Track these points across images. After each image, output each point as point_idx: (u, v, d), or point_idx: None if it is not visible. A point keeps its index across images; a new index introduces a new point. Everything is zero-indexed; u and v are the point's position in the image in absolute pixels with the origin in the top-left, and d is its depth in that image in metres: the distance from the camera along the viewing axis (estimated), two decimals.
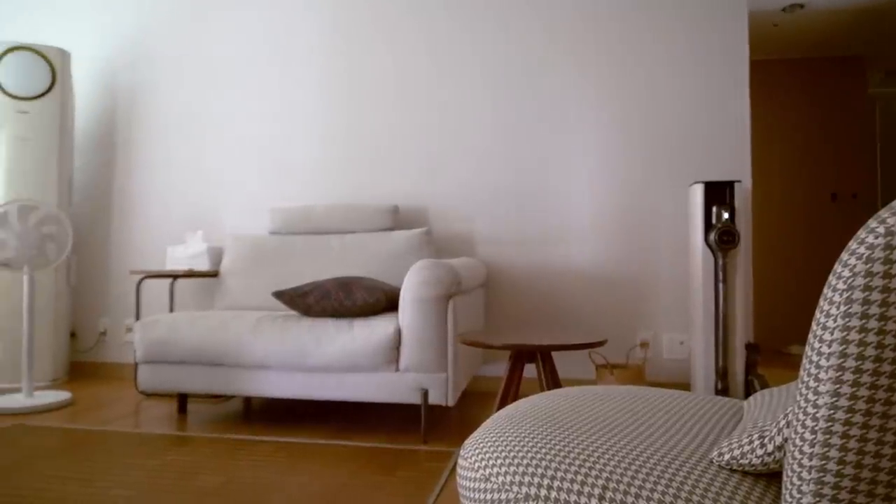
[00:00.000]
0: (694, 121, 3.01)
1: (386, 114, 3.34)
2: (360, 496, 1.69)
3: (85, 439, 2.24)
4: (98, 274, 3.66)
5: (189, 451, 2.09)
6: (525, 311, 3.14)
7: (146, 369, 2.50)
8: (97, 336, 3.63)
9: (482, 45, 3.24)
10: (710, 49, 3.00)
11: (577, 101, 3.13)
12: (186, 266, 3.13)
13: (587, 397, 1.09)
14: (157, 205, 3.60)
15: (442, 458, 2.04)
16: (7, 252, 2.76)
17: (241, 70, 3.53)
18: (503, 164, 3.19)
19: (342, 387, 2.30)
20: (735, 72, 2.97)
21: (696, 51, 3.01)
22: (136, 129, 3.65)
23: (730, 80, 2.98)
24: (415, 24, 3.33)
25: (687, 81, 3.02)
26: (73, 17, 3.78)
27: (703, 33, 3.01)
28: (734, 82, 2.97)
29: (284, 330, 2.32)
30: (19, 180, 3.26)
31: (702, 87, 3.01)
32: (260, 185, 3.47)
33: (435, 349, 2.21)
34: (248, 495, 1.69)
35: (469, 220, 3.22)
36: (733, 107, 2.97)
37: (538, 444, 0.82)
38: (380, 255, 2.89)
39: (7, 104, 3.26)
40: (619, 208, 3.06)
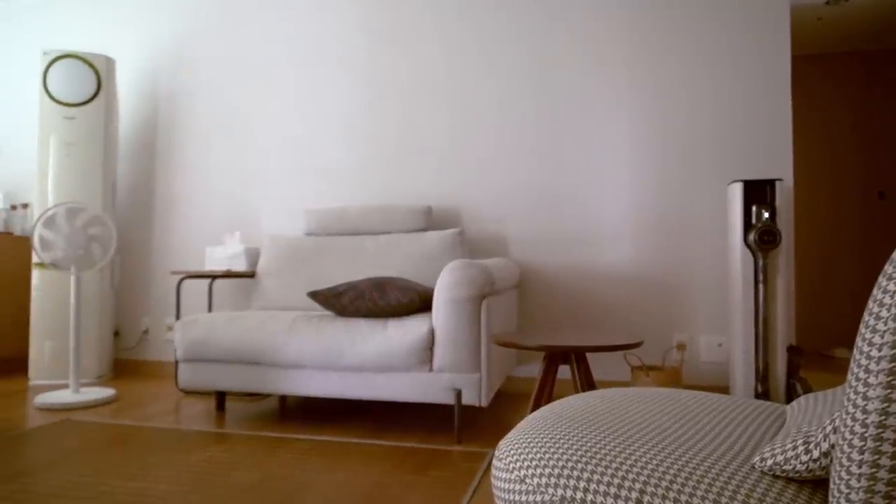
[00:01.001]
0: (733, 118, 2.94)
1: (420, 115, 3.35)
2: (393, 495, 1.70)
3: (128, 435, 2.30)
4: (140, 274, 3.76)
5: (227, 448, 2.13)
6: (558, 312, 3.12)
7: (186, 367, 2.56)
8: (140, 335, 3.73)
9: (517, 45, 3.23)
10: (749, 44, 2.93)
11: (612, 99, 3.09)
12: (225, 267, 3.20)
13: (623, 399, 1.08)
14: (197, 207, 3.68)
15: (476, 458, 2.03)
16: (56, 252, 2.86)
17: (276, 73, 3.59)
18: (537, 164, 3.17)
19: (376, 386, 2.31)
20: (776, 67, 2.89)
21: (735, 46, 2.95)
22: (176, 133, 3.75)
23: (770, 75, 2.90)
24: (451, 25, 3.33)
25: (726, 78, 2.96)
26: (118, 26, 3.89)
27: (742, 28, 2.94)
28: (775, 78, 2.89)
29: (319, 330, 2.35)
30: (67, 184, 3.37)
31: (741, 83, 2.94)
32: (295, 187, 3.52)
33: (468, 349, 2.20)
34: (283, 492, 1.71)
35: (502, 221, 3.20)
36: (774, 103, 2.89)
37: (574, 445, 0.82)
38: (413, 255, 2.91)
39: (55, 110, 3.37)
40: (654, 208, 3.02)
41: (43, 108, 3.38)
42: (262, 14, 3.64)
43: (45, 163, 3.38)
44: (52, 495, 1.68)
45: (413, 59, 3.38)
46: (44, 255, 2.84)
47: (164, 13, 3.80)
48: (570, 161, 3.13)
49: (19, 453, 2.06)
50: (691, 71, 3.00)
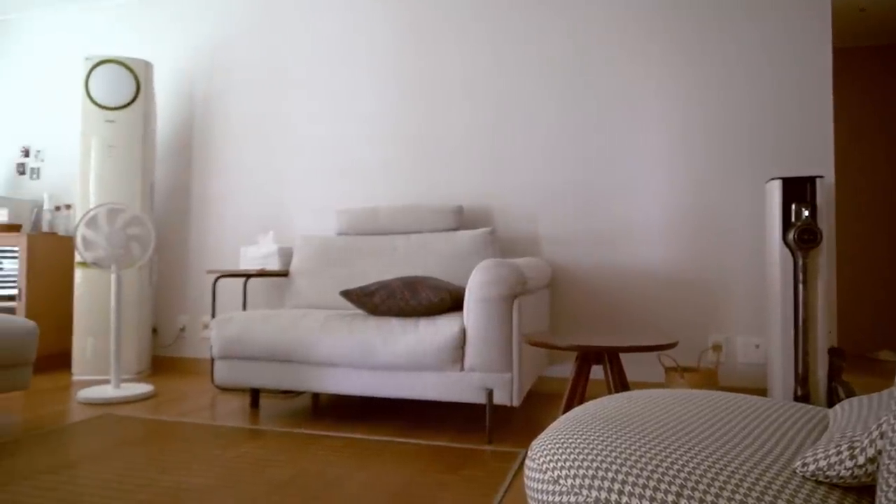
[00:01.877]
0: (771, 113, 2.87)
1: (450, 114, 3.35)
2: (425, 494, 1.70)
3: (166, 429, 2.36)
4: (177, 273, 3.85)
5: (261, 444, 2.17)
6: (591, 311, 3.08)
7: (222, 365, 2.61)
8: (177, 332, 3.82)
9: (545, 42, 3.21)
10: (789, 36, 2.85)
11: (645, 95, 3.04)
12: (258, 266, 3.25)
13: (658, 400, 1.06)
14: (232, 207, 3.75)
15: (507, 458, 2.02)
16: (97, 252, 2.95)
17: (309, 75, 3.63)
18: (568, 162, 3.15)
19: (407, 385, 2.32)
20: (817, 60, 2.81)
21: (774, 39, 2.87)
22: (211, 135, 3.82)
23: (811, 69, 2.82)
24: (478, 25, 3.33)
25: (764, 71, 2.89)
26: (156, 31, 3.99)
27: (781, 20, 2.87)
28: (816, 71, 2.81)
29: (351, 328, 2.37)
30: (107, 185, 3.47)
31: (781, 76, 2.86)
32: (328, 187, 3.56)
33: (500, 349, 2.20)
34: (316, 488, 1.73)
35: (534, 220, 3.19)
36: (815, 97, 2.81)
37: (609, 446, 0.81)
38: (444, 255, 2.91)
39: (96, 114, 3.47)
40: (689, 206, 2.96)
41: (85, 112, 3.48)
42: (294, 17, 3.69)
43: (87, 165, 3.48)
44: (95, 487, 1.73)
45: (444, 59, 3.38)
46: (86, 254, 2.93)
47: (200, 19, 3.88)
48: (603, 159, 3.09)
49: (64, 446, 2.13)
50: (728, 65, 2.94)
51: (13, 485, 1.75)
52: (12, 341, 2.40)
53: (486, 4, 3.32)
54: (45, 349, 3.68)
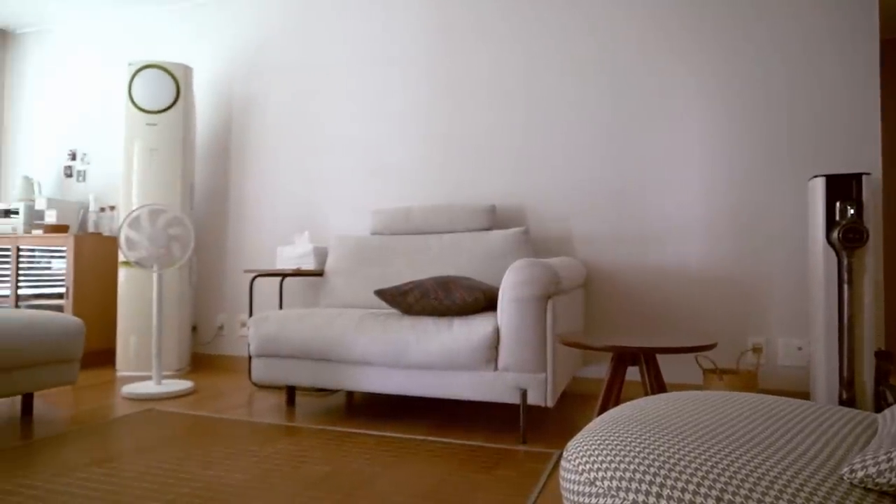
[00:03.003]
0: (815, 108, 2.79)
1: (483, 114, 3.35)
2: (459, 493, 1.70)
3: (205, 425, 2.41)
4: (216, 272, 3.93)
5: (297, 441, 2.20)
6: (626, 312, 3.04)
7: (259, 362, 2.65)
8: (215, 330, 3.90)
9: (580, 40, 3.18)
10: (834, 27, 2.77)
11: (682, 90, 2.99)
12: (294, 265, 3.30)
13: (696, 402, 1.04)
14: (268, 207, 3.81)
15: (541, 459, 2.01)
16: (140, 251, 3.03)
17: (343, 76, 3.67)
18: (603, 161, 3.11)
19: (441, 384, 2.33)
20: (863, 51, 2.72)
21: (818, 30, 2.79)
22: (248, 137, 3.89)
23: (857, 61, 2.73)
24: (510, 24, 3.32)
25: (807, 64, 2.81)
26: (195, 36, 4.08)
27: (825, 10, 2.78)
28: (862, 64, 2.72)
29: (386, 328, 2.39)
30: (149, 186, 3.56)
31: (824, 70, 2.78)
32: (362, 187, 3.59)
33: (534, 349, 2.19)
34: (351, 485, 1.75)
35: (568, 219, 3.16)
36: (861, 91, 2.72)
37: (646, 448, 0.80)
38: (478, 254, 2.91)
39: (138, 118, 3.57)
40: (728, 204, 2.90)
41: (128, 116, 3.59)
42: (328, 20, 3.73)
43: (130, 167, 3.58)
44: (139, 479, 1.78)
45: (476, 58, 3.38)
46: (129, 253, 3.02)
47: (237, 23, 3.96)
48: (638, 157, 3.05)
49: (109, 439, 2.20)
50: (768, 58, 2.86)
51: (63, 476, 1.81)
52: (61, 338, 2.48)
53: (518, 4, 3.31)
54: (91, 346, 3.80)
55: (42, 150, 4.52)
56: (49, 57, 4.55)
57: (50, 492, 1.69)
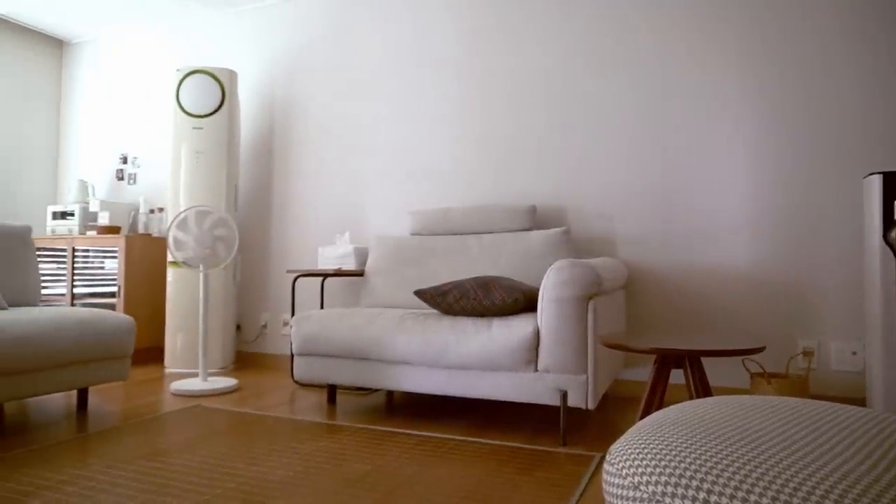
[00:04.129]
0: (869, 103, 2.68)
1: (524, 114, 3.33)
2: (499, 494, 1.70)
3: (249, 422, 2.46)
4: (259, 272, 4.01)
5: (338, 439, 2.23)
6: (669, 313, 2.98)
7: (301, 361, 2.70)
8: (259, 329, 3.98)
9: (620, 37, 3.13)
10: (887, 15, 2.65)
11: (727, 86, 2.91)
12: (335, 266, 3.34)
13: (744, 407, 1.01)
14: (310, 208, 3.87)
15: (582, 462, 1.99)
16: (187, 252, 3.12)
17: (383, 78, 3.70)
18: (646, 160, 3.05)
19: (480, 385, 2.32)
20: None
21: (870, 20, 2.68)
22: (290, 140, 3.97)
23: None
24: (550, 23, 3.29)
25: (860, 55, 2.70)
26: (240, 41, 4.18)
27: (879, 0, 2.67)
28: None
29: (425, 328, 2.40)
30: (195, 188, 3.66)
31: (880, 61, 2.67)
32: (402, 188, 3.62)
33: (574, 350, 2.16)
34: (392, 484, 1.76)
35: (609, 220, 3.11)
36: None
37: (693, 453, 0.78)
38: (518, 255, 2.89)
39: (186, 122, 3.68)
40: (777, 203, 2.81)
41: (176, 121, 3.70)
42: (367, 23, 3.77)
43: (178, 170, 3.69)
44: (187, 473, 1.83)
45: (516, 59, 3.36)
46: (177, 254, 3.11)
47: (279, 28, 4.04)
48: (684, 156, 2.98)
49: (158, 434, 2.27)
50: (818, 49, 2.76)
51: (116, 468, 1.88)
52: (114, 336, 2.57)
53: (558, 6, 3.27)
54: (141, 343, 3.93)
55: (96, 155, 4.70)
56: (101, 65, 4.73)
57: (103, 483, 1.75)
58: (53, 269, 4.13)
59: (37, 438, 2.23)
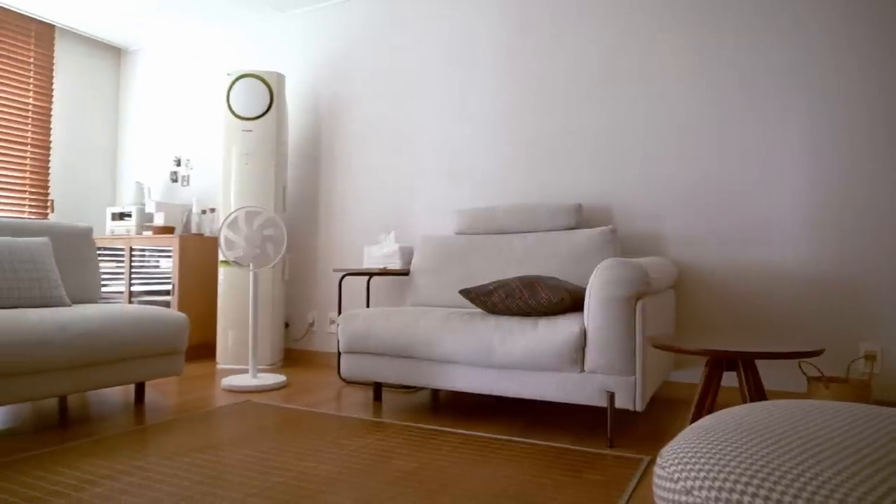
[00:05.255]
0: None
1: (567, 112, 3.29)
2: (545, 495, 1.68)
3: (297, 418, 2.51)
4: (307, 271, 4.09)
5: (384, 437, 2.25)
6: (721, 314, 2.90)
7: (347, 359, 2.74)
8: (306, 327, 4.06)
9: (668, 30, 3.06)
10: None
11: (783, 79, 2.81)
12: (381, 265, 3.38)
13: (802, 412, 0.97)
14: (356, 208, 3.92)
15: (630, 464, 1.95)
16: (237, 251, 3.20)
17: (427, 78, 3.72)
18: (695, 156, 2.98)
19: (526, 385, 2.31)
20: None
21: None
22: (336, 140, 4.02)
23: None
24: (590, 21, 3.24)
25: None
26: (287, 44, 4.26)
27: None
28: None
29: (471, 327, 2.40)
30: (245, 189, 3.76)
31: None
32: (447, 187, 3.62)
33: (622, 351, 2.12)
34: (439, 482, 1.77)
35: (658, 218, 3.05)
36: None
37: (748, 459, 0.75)
38: (563, 254, 2.86)
39: (235, 125, 3.78)
40: (835, 202, 2.70)
41: (226, 123, 3.80)
42: (411, 24, 3.79)
43: (228, 171, 3.79)
44: (238, 466, 1.88)
45: (561, 57, 3.33)
46: (228, 253, 3.19)
47: (325, 31, 4.10)
48: (734, 151, 2.89)
49: (211, 428, 2.34)
50: (880, 45, 2.64)
51: (171, 460, 1.95)
52: (169, 332, 2.67)
53: (603, 1, 3.23)
54: (194, 339, 4.05)
55: (151, 157, 4.87)
56: (155, 71, 4.90)
57: (160, 474, 1.82)
58: (113, 267, 4.30)
59: (98, 430, 2.33)
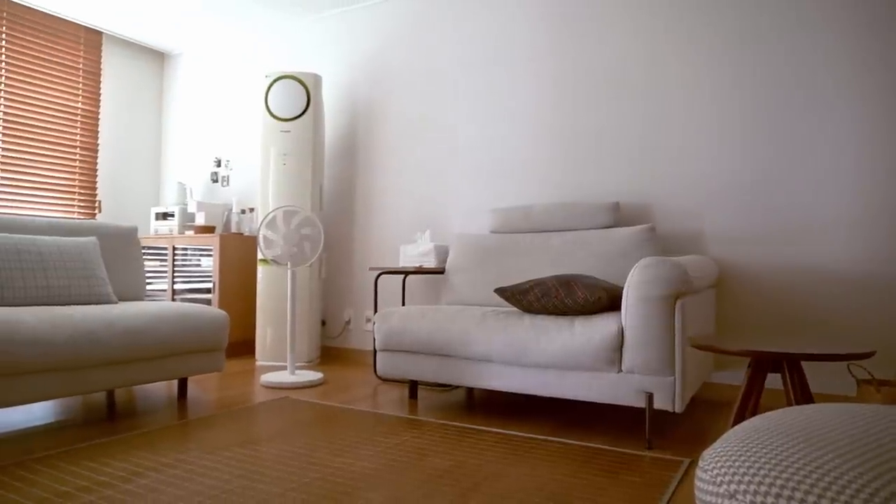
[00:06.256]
0: None
1: (603, 108, 3.25)
2: (582, 495, 1.66)
3: (334, 415, 2.54)
4: (343, 269, 4.13)
5: (419, 434, 2.26)
6: (764, 315, 2.82)
7: (383, 356, 2.76)
8: (343, 325, 4.10)
9: (714, 24, 2.99)
10: None
11: (829, 70, 2.71)
12: (416, 263, 3.39)
13: (853, 416, 0.94)
14: (392, 207, 3.95)
15: (670, 466, 1.92)
16: (275, 250, 3.26)
17: (462, 77, 3.72)
18: (737, 152, 2.90)
19: (562, 384, 2.29)
20: None
21: None
22: (372, 140, 4.05)
23: None
24: (628, 14, 3.18)
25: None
26: (323, 45, 4.31)
27: None
28: None
29: (506, 326, 2.39)
30: (283, 189, 3.82)
31: None
32: (482, 186, 3.62)
33: (661, 351, 2.09)
34: (473, 480, 1.77)
35: (698, 216, 2.98)
36: None
37: (796, 463, 0.73)
38: (600, 252, 2.83)
39: (273, 125, 3.84)
40: (886, 196, 2.59)
41: (265, 124, 3.87)
42: (447, 22, 3.79)
43: (267, 172, 3.86)
44: (276, 461, 1.91)
45: (597, 52, 3.28)
46: (266, 252, 3.25)
47: (361, 31, 4.13)
48: (778, 146, 2.81)
49: (250, 423, 2.38)
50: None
51: (213, 454, 1.99)
52: (210, 329, 2.73)
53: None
54: (234, 336, 4.14)
55: (192, 158, 4.99)
56: (196, 74, 5.01)
57: (202, 467, 1.86)
58: (156, 266, 4.42)
59: (143, 423, 2.40)
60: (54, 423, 2.40)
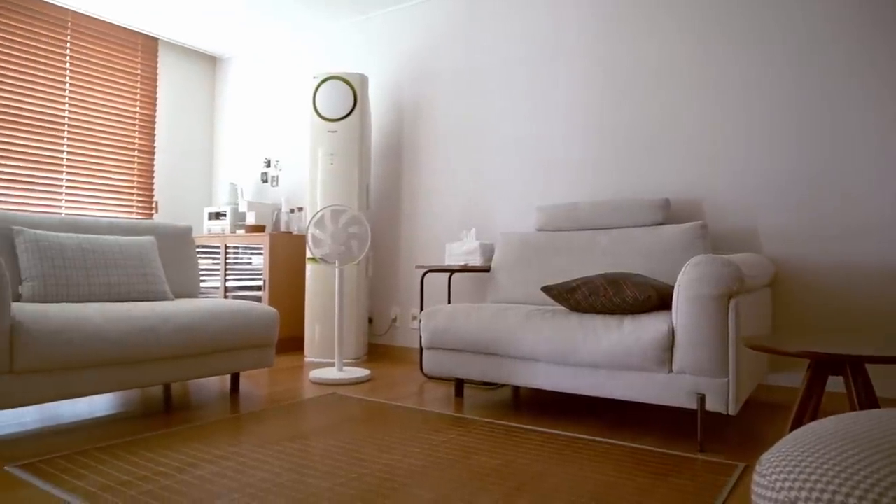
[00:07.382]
0: None
1: (652, 104, 3.18)
2: (631, 498, 1.63)
3: (381, 411, 2.57)
4: (390, 268, 4.17)
5: (465, 432, 2.26)
6: (823, 315, 2.71)
7: (430, 354, 2.77)
8: (389, 322, 4.14)
9: (769, 16, 2.88)
10: None
11: (889, 62, 2.58)
12: (462, 262, 3.39)
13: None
14: (438, 205, 3.96)
15: (723, 470, 1.86)
16: (324, 248, 3.31)
17: (507, 75, 3.70)
18: (793, 147, 2.79)
19: (610, 384, 2.25)
20: None
21: None
22: (418, 139, 4.08)
23: None
24: (676, 9, 3.10)
25: None
26: (370, 46, 4.36)
27: None
28: None
29: (553, 324, 2.36)
30: (330, 188, 3.88)
31: None
32: (528, 184, 3.59)
33: (714, 352, 2.03)
34: (520, 480, 1.76)
35: (752, 213, 2.89)
36: None
37: (862, 470, 0.70)
38: (650, 250, 2.77)
39: (321, 126, 3.90)
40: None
41: (312, 125, 3.93)
42: (493, 20, 3.77)
43: (315, 171, 3.93)
44: (324, 456, 1.95)
45: (646, 47, 3.21)
46: (315, 250, 3.31)
47: (406, 31, 4.16)
48: (839, 143, 2.69)
49: (299, 418, 2.43)
50: None
51: (264, 447, 2.04)
52: (261, 326, 2.80)
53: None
54: (283, 333, 4.23)
55: (243, 159, 5.13)
56: (247, 77, 5.14)
57: (254, 460, 1.91)
58: (210, 264, 4.56)
59: (198, 416, 2.47)
60: (115, 415, 2.50)
